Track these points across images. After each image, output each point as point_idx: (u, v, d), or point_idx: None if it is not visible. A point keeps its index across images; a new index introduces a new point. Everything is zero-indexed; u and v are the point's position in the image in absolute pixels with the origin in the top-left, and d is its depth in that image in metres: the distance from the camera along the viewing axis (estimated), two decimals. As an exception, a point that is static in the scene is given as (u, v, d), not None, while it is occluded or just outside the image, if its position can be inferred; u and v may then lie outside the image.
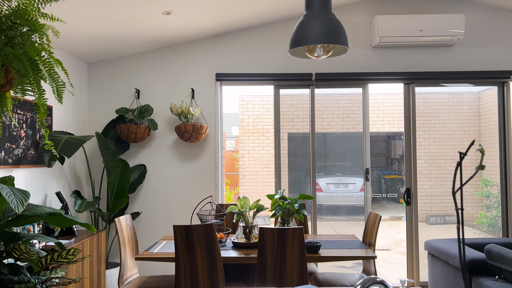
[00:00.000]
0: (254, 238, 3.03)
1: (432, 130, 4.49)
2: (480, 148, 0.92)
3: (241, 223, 3.05)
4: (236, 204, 3.07)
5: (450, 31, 4.00)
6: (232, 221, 3.78)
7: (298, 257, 2.61)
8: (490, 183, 4.55)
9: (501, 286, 2.78)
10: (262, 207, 3.05)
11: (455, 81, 4.30)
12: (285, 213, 3.07)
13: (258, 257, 2.63)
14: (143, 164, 4.28)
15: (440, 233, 4.84)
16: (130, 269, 3.09)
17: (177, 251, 2.62)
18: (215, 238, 2.61)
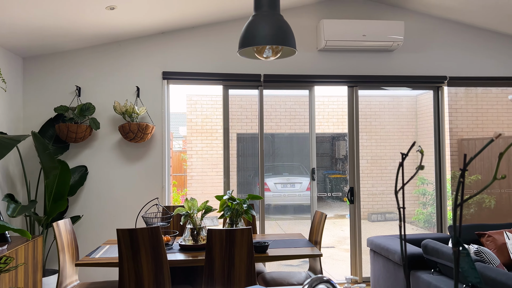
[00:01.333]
0: (202, 240, 2.98)
1: (374, 131, 4.69)
2: (420, 149, 0.95)
3: (189, 225, 3.00)
4: (184, 205, 3.01)
5: (390, 37, 4.20)
6: (179, 223, 3.70)
7: (246, 257, 2.61)
8: (426, 182, 4.83)
9: (436, 278, 2.96)
10: (210, 208, 3.02)
11: (395, 85, 4.52)
12: (233, 213, 3.06)
13: (206, 259, 2.59)
14: (84, 165, 4.08)
15: (381, 230, 5.06)
16: (69, 276, 2.92)
17: (121, 255, 2.52)
18: (161, 241, 2.54)
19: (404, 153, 0.87)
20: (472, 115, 4.71)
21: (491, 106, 4.74)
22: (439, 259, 2.94)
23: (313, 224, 3.42)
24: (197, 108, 8.51)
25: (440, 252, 2.93)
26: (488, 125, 4.73)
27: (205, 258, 2.60)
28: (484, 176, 4.72)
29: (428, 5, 4.28)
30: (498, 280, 2.35)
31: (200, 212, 3.01)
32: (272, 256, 2.77)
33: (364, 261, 4.51)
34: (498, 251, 3.63)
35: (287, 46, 2.02)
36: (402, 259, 0.96)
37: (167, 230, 3.40)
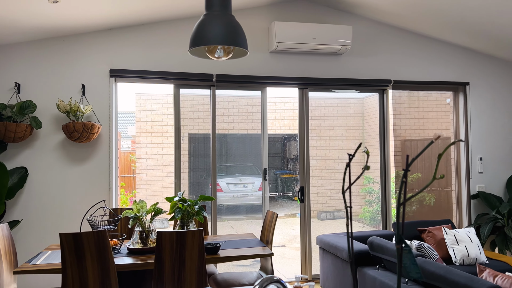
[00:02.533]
0: (151, 243, 2.91)
1: (323, 132, 4.81)
2: (366, 150, 0.98)
3: (137, 228, 2.91)
4: (132, 208, 2.92)
5: (339, 41, 4.33)
6: (127, 226, 3.59)
7: (197, 259, 2.58)
8: (372, 181, 5.03)
9: (381, 274, 3.09)
10: (160, 211, 2.95)
11: (343, 87, 4.67)
12: (184, 215, 3.01)
13: (156, 262, 2.53)
14: (23, 166, 3.84)
15: (330, 228, 5.21)
16: (7, 284, 2.74)
17: (64, 261, 2.40)
18: (108, 245, 2.45)
19: (351, 154, 0.89)
20: (414, 117, 4.97)
21: (431, 108, 5.03)
22: (384, 255, 3.07)
23: (265, 224, 3.45)
24: (146, 107, 8.29)
25: (384, 249, 3.06)
26: (429, 127, 5.02)
27: (154, 261, 2.54)
28: (425, 175, 5.00)
29: (375, 11, 4.47)
30: (437, 273, 2.50)
31: (150, 214, 2.94)
32: (224, 257, 2.76)
33: (314, 259, 4.62)
34: (437, 246, 3.86)
35: (238, 47, 2.02)
36: (349, 257, 0.99)
37: (115, 234, 3.28)
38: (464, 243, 3.78)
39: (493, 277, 2.41)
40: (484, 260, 3.73)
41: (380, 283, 2.96)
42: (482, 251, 3.77)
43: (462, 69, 4.99)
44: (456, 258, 3.72)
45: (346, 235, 0.95)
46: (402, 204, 0.82)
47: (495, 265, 3.64)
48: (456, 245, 3.78)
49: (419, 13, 4.26)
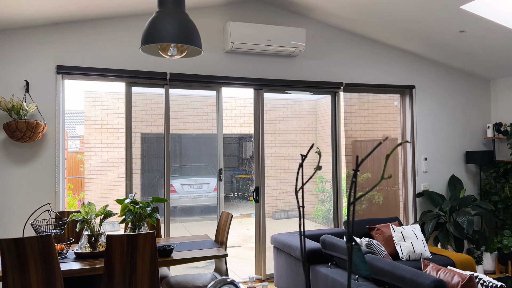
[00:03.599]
0: (101, 247, 2.80)
1: (278, 133, 4.86)
2: (318, 150, 0.99)
3: (86, 232, 2.79)
4: (80, 211, 2.80)
5: (293, 43, 4.40)
6: (75, 230, 3.43)
7: (149, 263, 2.51)
8: (325, 180, 5.15)
9: (332, 271, 3.16)
10: (110, 213, 2.85)
11: (297, 89, 4.75)
12: (136, 218, 2.93)
13: (105, 266, 2.44)
14: (-41, 168, 3.56)
15: (284, 227, 5.27)
16: None
17: (5, 268, 2.25)
18: (54, 251, 2.33)
19: (303, 155, 0.90)
20: (364, 118, 5.15)
21: (380, 111, 5.23)
22: (335, 253, 3.16)
23: (219, 225, 3.43)
24: (96, 105, 7.98)
25: (336, 246, 3.14)
26: (378, 128, 5.22)
27: (104, 266, 2.44)
28: (374, 175, 5.19)
29: (328, 14, 4.58)
30: (385, 269, 2.60)
31: (99, 217, 2.83)
32: (177, 260, 2.71)
33: (268, 258, 4.65)
34: (385, 242, 4.02)
35: (192, 46, 1.99)
36: (302, 256, 1.00)
37: (61, 238, 3.12)
38: (410, 239, 3.96)
39: (436, 271, 2.54)
40: (428, 255, 3.93)
41: (332, 280, 3.04)
42: (426, 246, 3.97)
43: (409, 73, 5.24)
44: (403, 254, 3.90)
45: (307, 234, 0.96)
46: (352, 203, 0.84)
47: (438, 260, 3.85)
48: (403, 241, 3.95)
49: (370, 18, 4.42)
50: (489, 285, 2.41)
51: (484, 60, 5.01)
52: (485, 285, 2.42)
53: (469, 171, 5.53)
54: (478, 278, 2.48)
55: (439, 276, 2.48)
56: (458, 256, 3.91)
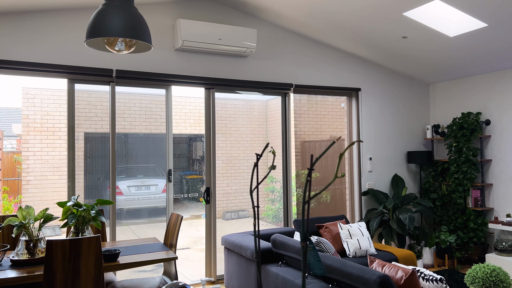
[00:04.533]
0: (40, 253, 2.62)
1: (229, 133, 4.84)
2: (272, 150, 0.98)
3: (23, 237, 2.60)
4: (17, 215, 2.60)
5: (244, 43, 4.39)
6: (11, 236, 3.19)
7: (94, 268, 2.39)
8: (275, 180, 5.20)
9: (283, 270, 3.19)
10: (51, 217, 2.68)
11: (248, 89, 4.75)
12: (79, 221, 2.77)
13: (45, 274, 2.29)
14: None
15: (235, 227, 5.25)
16: None
17: None
18: (-14, 259, 2.14)
19: (259, 154, 0.89)
20: (312, 119, 5.27)
21: (327, 112, 5.38)
22: (286, 252, 3.19)
23: (169, 227, 3.35)
24: (35, 103, 7.50)
25: (286, 245, 3.17)
26: (325, 129, 5.35)
27: (43, 273, 2.29)
28: (322, 174, 5.32)
29: (278, 16, 4.63)
30: (333, 266, 2.66)
31: (38, 221, 2.65)
32: (124, 264, 2.60)
33: (219, 260, 4.61)
34: (333, 240, 4.13)
35: (141, 41, 1.92)
36: (256, 256, 0.98)
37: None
38: (356, 236, 4.10)
39: (381, 267, 2.64)
40: (374, 252, 4.09)
41: (282, 279, 3.07)
42: (371, 243, 4.13)
43: (355, 76, 5.42)
44: (349, 251, 4.02)
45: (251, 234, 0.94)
46: (306, 202, 0.83)
47: (383, 256, 4.02)
48: (350, 239, 4.08)
49: (319, 22, 4.52)
50: (430, 278, 2.54)
51: (424, 65, 5.31)
52: (426, 278, 2.55)
53: (410, 170, 5.83)
54: (420, 272, 2.61)
55: (384, 272, 2.57)
56: (400, 251, 4.10)
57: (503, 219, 5.08)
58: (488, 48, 4.48)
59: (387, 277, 2.35)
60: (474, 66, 5.09)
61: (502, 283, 2.88)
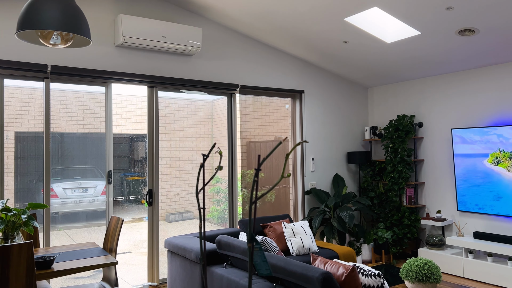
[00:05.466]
0: (-39, 263, 2.39)
1: (173, 133, 4.74)
2: (219, 150, 0.97)
3: None
4: None
5: (189, 42, 4.33)
6: None
7: (25, 277, 2.22)
8: (220, 180, 5.17)
9: (228, 271, 3.18)
10: (-25, 223, 2.45)
11: (193, 88, 4.69)
12: (8, 227, 2.57)
13: (-32, 286, 2.09)
14: None
15: (179, 229, 5.16)
16: None
17: None
18: None
19: (205, 154, 0.87)
20: (258, 120, 5.31)
21: (272, 113, 5.45)
22: (231, 253, 3.18)
23: (108, 231, 3.20)
24: (-42, 99, 6.86)
25: (232, 246, 3.16)
26: (270, 130, 5.42)
27: (-34, 286, 2.09)
28: (267, 174, 5.38)
29: (224, 16, 4.61)
30: (278, 265, 2.69)
31: (-40, 228, 2.42)
32: (58, 271, 2.45)
33: (162, 263, 4.50)
34: (278, 239, 4.18)
35: (79, 35, 1.81)
36: (201, 258, 0.96)
37: None
38: (300, 235, 4.19)
39: (323, 264, 2.72)
40: (316, 249, 4.20)
41: (227, 280, 3.05)
42: (314, 241, 4.24)
43: (299, 78, 5.55)
44: (293, 250, 4.10)
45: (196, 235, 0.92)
46: (254, 202, 0.83)
47: (325, 253, 4.14)
48: (293, 237, 4.16)
49: (264, 24, 4.57)
50: (369, 274, 2.65)
51: (363, 69, 5.55)
52: (365, 273, 2.66)
53: (350, 170, 6.07)
54: (359, 268, 2.72)
55: (326, 269, 2.65)
56: (341, 248, 4.25)
57: (434, 216, 5.44)
58: (421, 55, 4.78)
59: (329, 274, 2.42)
60: (409, 72, 5.41)
61: (433, 275, 3.09)
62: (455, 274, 4.77)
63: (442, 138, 5.36)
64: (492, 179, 4.67)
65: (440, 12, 3.73)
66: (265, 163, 5.37)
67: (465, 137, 4.91)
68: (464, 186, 4.94)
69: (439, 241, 5.03)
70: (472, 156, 4.85)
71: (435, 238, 5.04)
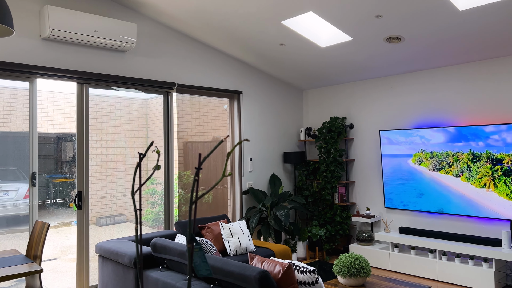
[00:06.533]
0: None
1: (104, 132, 4.52)
2: (157, 149, 0.94)
3: None
4: None
5: (123, 38, 4.16)
6: None
7: None
8: (155, 182, 5.03)
9: (163, 274, 3.10)
10: None
11: (127, 86, 4.51)
12: None
13: None
14: None
15: (111, 233, 4.93)
16: None
17: None
18: None
19: (142, 153, 0.83)
20: (195, 120, 5.24)
21: (210, 113, 5.41)
22: (167, 255, 3.10)
23: (32, 236, 2.97)
24: None
25: (168, 249, 3.08)
26: (208, 130, 5.38)
27: None
28: (204, 175, 5.33)
29: (159, 13, 4.49)
30: (216, 266, 2.67)
31: None
32: (-26, 283, 2.23)
33: (92, 269, 4.27)
34: (215, 240, 4.16)
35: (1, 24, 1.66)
36: (137, 262, 0.93)
37: None
38: (237, 235, 4.20)
39: (261, 263, 2.75)
40: (253, 249, 4.24)
41: (163, 283, 2.97)
42: (251, 240, 4.27)
43: (238, 79, 5.57)
44: (230, 250, 4.10)
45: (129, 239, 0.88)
46: (194, 202, 0.81)
47: (262, 252, 4.19)
48: (231, 237, 4.16)
49: (201, 23, 4.52)
50: (304, 270, 2.73)
51: (299, 72, 5.71)
52: (301, 270, 2.73)
53: (286, 170, 6.21)
54: (295, 265, 2.79)
55: (263, 267, 2.68)
56: (277, 247, 4.33)
57: (363, 213, 5.74)
58: (352, 60, 5.03)
59: (266, 272, 2.45)
60: (342, 75, 5.66)
61: (363, 270, 3.25)
62: (383, 268, 5.07)
63: (371, 139, 5.68)
64: (415, 177, 5.03)
65: (370, 20, 3.94)
66: (203, 164, 5.32)
67: (392, 138, 5.24)
68: (390, 184, 5.27)
69: (368, 236, 5.32)
70: (398, 156, 5.19)
71: (365, 234, 5.32)
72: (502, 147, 4.31)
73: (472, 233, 4.70)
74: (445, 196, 4.77)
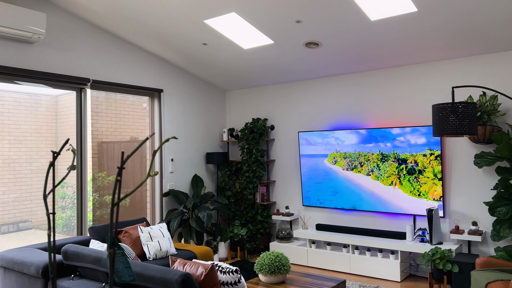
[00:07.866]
0: None
1: (7, 131, 4.09)
2: (72, 148, 0.87)
3: None
4: None
5: (30, 28, 3.80)
6: None
7: None
8: (66, 185, 4.68)
9: (76, 283, 2.88)
10: None
11: (34, 80, 4.12)
12: None
13: None
14: None
15: (14, 242, 4.48)
16: None
17: None
18: None
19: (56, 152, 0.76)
20: (111, 119, 4.97)
21: (128, 112, 5.17)
22: (81, 263, 2.89)
23: None
24: None
25: (81, 256, 2.87)
26: (125, 129, 5.14)
27: None
28: (122, 176, 5.07)
29: (73, 4, 4.18)
30: (135, 272, 2.55)
31: None
32: None
33: (-9, 283, 3.83)
34: (133, 244, 3.98)
35: None
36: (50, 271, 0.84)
37: None
38: (157, 238, 4.06)
39: (183, 266, 2.68)
40: (174, 252, 4.13)
41: (76, 294, 2.76)
42: (172, 243, 4.16)
43: (158, 77, 5.39)
44: (150, 254, 3.95)
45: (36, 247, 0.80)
46: (116, 204, 0.75)
47: (183, 254, 4.10)
48: (150, 241, 4.01)
49: (120, 17, 4.30)
50: (226, 271, 2.72)
51: (222, 72, 5.70)
52: (223, 271, 2.72)
53: (209, 170, 6.16)
54: (218, 266, 2.77)
55: (185, 270, 2.62)
56: (199, 248, 4.27)
57: (283, 211, 5.91)
58: (273, 63, 5.15)
59: (188, 275, 2.40)
60: (263, 78, 5.77)
61: (284, 267, 3.34)
62: (301, 264, 5.27)
63: (290, 140, 5.87)
64: (331, 176, 5.31)
65: (290, 24, 4.07)
66: (113, 164, 5.06)
67: (310, 139, 5.47)
68: (308, 183, 5.49)
69: (288, 234, 5.48)
70: (315, 156, 5.43)
71: (284, 232, 5.48)
72: (407, 148, 4.73)
73: (381, 227, 5.08)
74: (357, 193, 5.10)
